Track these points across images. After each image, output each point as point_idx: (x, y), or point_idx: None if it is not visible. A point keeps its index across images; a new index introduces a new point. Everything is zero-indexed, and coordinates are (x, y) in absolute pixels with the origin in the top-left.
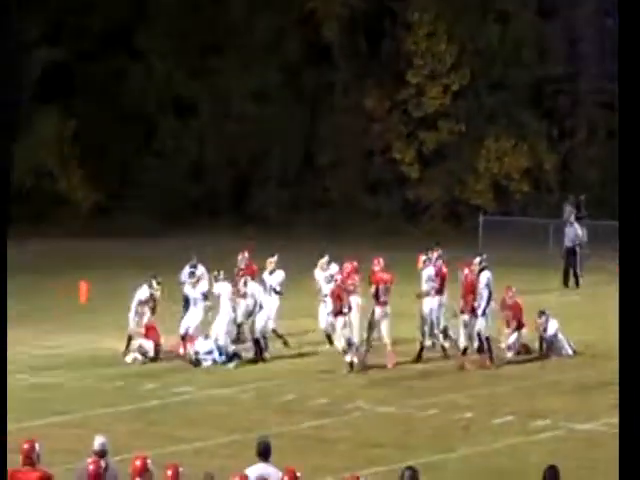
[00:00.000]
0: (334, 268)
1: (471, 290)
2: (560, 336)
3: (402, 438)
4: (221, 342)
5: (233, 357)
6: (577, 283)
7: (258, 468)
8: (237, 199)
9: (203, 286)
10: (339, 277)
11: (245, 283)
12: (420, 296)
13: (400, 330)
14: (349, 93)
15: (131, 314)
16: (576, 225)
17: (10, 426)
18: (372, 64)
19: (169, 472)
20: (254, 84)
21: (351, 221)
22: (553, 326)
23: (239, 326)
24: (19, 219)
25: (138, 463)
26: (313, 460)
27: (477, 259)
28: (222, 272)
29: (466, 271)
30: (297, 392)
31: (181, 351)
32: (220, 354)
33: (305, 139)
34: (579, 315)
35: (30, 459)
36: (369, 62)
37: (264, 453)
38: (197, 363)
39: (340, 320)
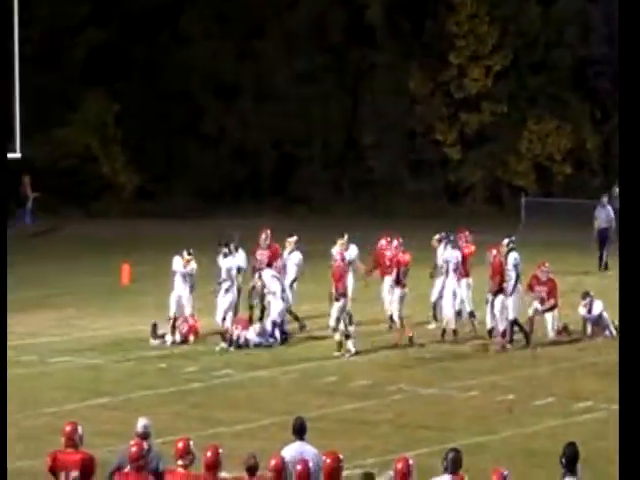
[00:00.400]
0: (353, 250)
1: (499, 272)
2: (605, 316)
3: (443, 420)
4: (277, 320)
5: (284, 338)
6: (606, 266)
7: (294, 447)
8: (280, 180)
9: (238, 260)
10: (339, 256)
11: (260, 276)
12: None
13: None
14: (392, 74)
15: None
16: (609, 207)
17: (54, 408)
18: (415, 45)
19: (209, 453)
20: (297, 66)
21: (393, 202)
22: (598, 307)
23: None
24: (65, 203)
25: (180, 445)
26: (355, 442)
27: (505, 240)
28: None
29: (494, 252)
30: (338, 374)
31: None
32: (271, 336)
33: (348, 120)
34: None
35: (72, 441)
36: (412, 43)
37: (299, 431)
38: (243, 346)
39: (340, 303)
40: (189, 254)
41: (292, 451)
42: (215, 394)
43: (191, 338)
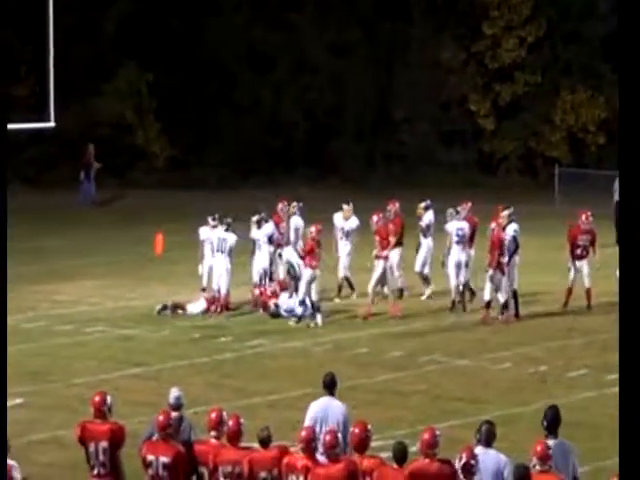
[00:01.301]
0: (353, 221)
1: (498, 245)
2: None
3: (477, 391)
4: (311, 296)
5: (315, 311)
6: None
7: (322, 401)
8: (313, 152)
9: (268, 228)
10: (314, 230)
11: (280, 255)
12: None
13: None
14: (425, 46)
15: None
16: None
17: (88, 378)
18: (448, 16)
19: (231, 422)
20: (331, 38)
21: (426, 173)
22: None
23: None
24: (102, 172)
25: (214, 415)
26: (387, 413)
27: (505, 212)
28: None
29: (493, 225)
30: (371, 345)
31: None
32: (305, 309)
33: (381, 92)
34: None
35: (101, 411)
36: (445, 15)
37: (330, 386)
38: (275, 315)
39: (309, 272)
40: (213, 219)
41: (319, 405)
42: (248, 364)
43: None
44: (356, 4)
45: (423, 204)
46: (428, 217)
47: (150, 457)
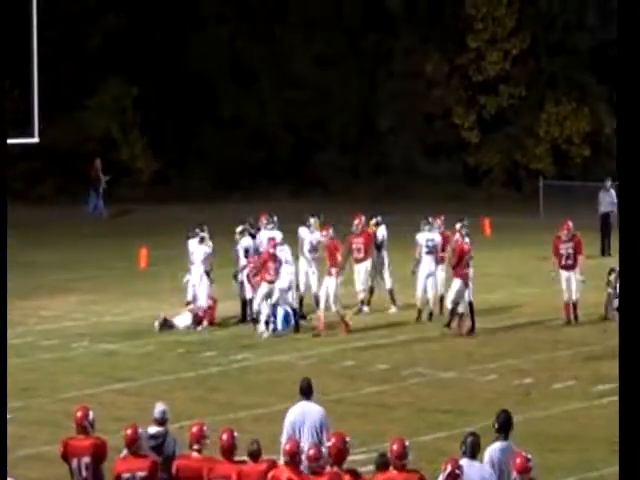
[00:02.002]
0: (316, 235)
1: (461, 256)
2: None
3: (462, 403)
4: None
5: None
6: (609, 250)
7: (300, 406)
8: (297, 165)
9: (245, 241)
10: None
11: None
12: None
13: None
14: (409, 58)
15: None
16: (612, 192)
17: (74, 393)
18: (432, 29)
19: (224, 437)
20: (315, 50)
21: (410, 186)
22: None
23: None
24: (85, 187)
25: (195, 429)
26: (373, 426)
27: (458, 225)
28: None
29: (456, 237)
30: (357, 358)
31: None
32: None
33: (365, 104)
34: None
35: (83, 427)
36: (430, 27)
37: (306, 391)
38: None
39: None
40: (202, 231)
41: (297, 410)
42: (233, 378)
43: (204, 323)
44: (340, 16)
45: (374, 220)
46: (381, 232)
47: (126, 475)
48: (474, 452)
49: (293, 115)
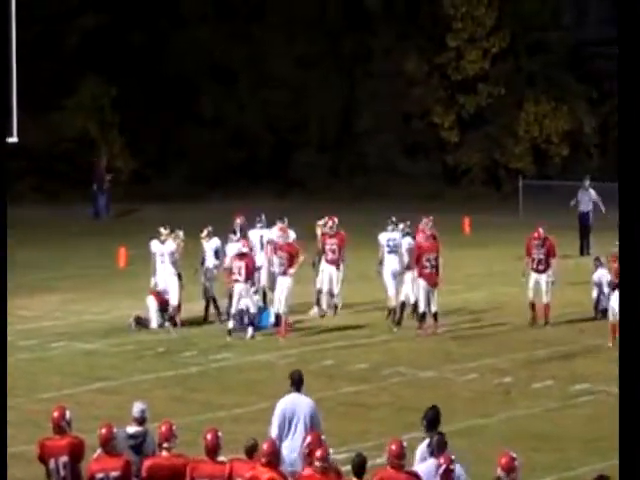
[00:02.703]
0: (291, 235)
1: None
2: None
3: (441, 403)
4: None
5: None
6: (588, 249)
7: (290, 397)
8: (277, 164)
9: (214, 242)
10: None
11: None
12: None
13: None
14: (388, 58)
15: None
16: (591, 191)
17: (53, 393)
18: (411, 28)
19: (208, 436)
20: (295, 50)
21: (390, 185)
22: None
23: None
24: (64, 187)
25: (164, 428)
26: (353, 425)
27: (400, 225)
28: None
29: (419, 236)
30: (336, 358)
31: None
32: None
33: (345, 104)
34: None
35: (60, 427)
36: (409, 27)
37: (297, 382)
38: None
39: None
40: (165, 229)
41: (287, 401)
42: (213, 378)
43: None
44: (319, 16)
45: (321, 221)
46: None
47: (99, 475)
48: (441, 450)
49: (273, 115)
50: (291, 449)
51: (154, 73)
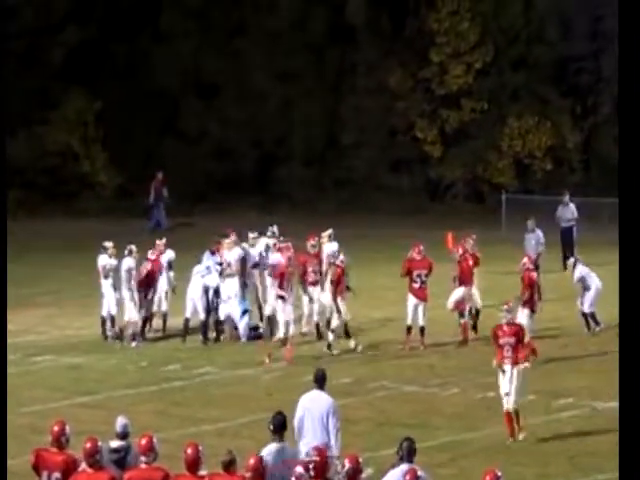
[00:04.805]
0: (235, 252)
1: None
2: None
3: (424, 417)
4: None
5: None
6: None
7: (312, 394)
8: (261, 179)
9: (168, 254)
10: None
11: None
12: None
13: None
14: (372, 72)
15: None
16: (572, 205)
17: (37, 407)
18: (396, 43)
19: (189, 450)
20: (278, 64)
21: (374, 199)
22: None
23: None
24: (48, 201)
25: (144, 442)
26: None
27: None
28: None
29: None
30: None
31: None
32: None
33: (328, 119)
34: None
35: (59, 441)
36: (392, 41)
37: (320, 380)
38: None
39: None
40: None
41: (309, 397)
42: (196, 392)
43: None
44: (303, 30)
45: (252, 235)
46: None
47: None
48: (411, 456)
49: (257, 129)
50: (308, 445)
51: (137, 88)
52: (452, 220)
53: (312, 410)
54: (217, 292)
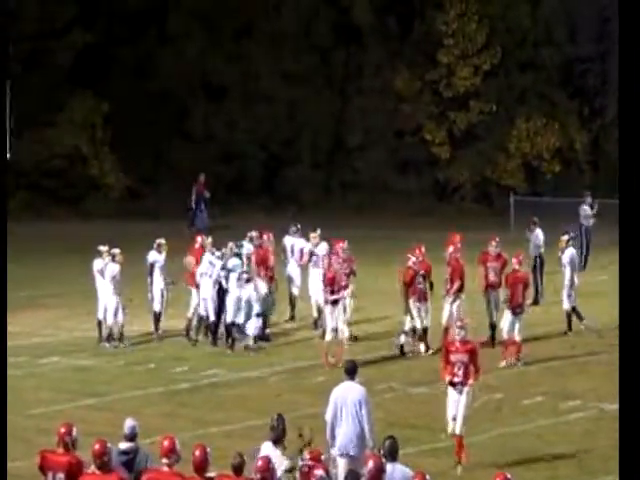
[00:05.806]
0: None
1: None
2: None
3: (432, 419)
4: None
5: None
6: (584, 265)
7: (344, 384)
8: (268, 181)
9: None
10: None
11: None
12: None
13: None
14: (379, 74)
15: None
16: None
17: (43, 409)
18: (403, 45)
19: (197, 453)
20: (284, 66)
21: (382, 201)
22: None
23: None
24: (54, 203)
25: (166, 443)
26: None
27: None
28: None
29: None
30: (327, 374)
31: None
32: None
33: (335, 121)
34: (602, 295)
35: (64, 442)
36: (400, 43)
37: (351, 371)
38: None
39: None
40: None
41: (341, 388)
42: (204, 394)
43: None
44: (310, 32)
45: (313, 234)
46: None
47: None
48: (393, 454)
49: (264, 131)
50: (343, 434)
51: (144, 90)
52: (460, 222)
53: (346, 399)
54: (224, 293)
